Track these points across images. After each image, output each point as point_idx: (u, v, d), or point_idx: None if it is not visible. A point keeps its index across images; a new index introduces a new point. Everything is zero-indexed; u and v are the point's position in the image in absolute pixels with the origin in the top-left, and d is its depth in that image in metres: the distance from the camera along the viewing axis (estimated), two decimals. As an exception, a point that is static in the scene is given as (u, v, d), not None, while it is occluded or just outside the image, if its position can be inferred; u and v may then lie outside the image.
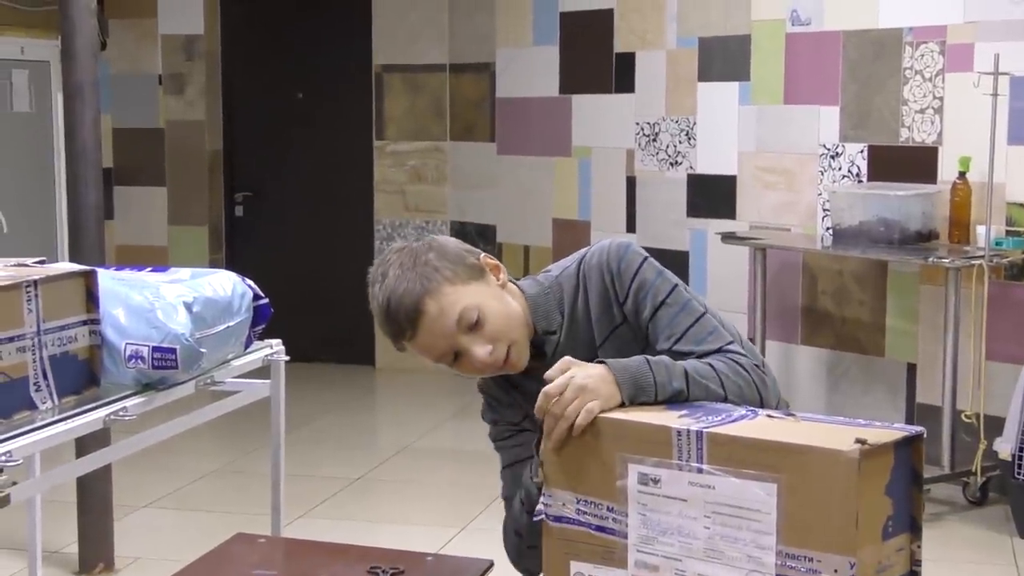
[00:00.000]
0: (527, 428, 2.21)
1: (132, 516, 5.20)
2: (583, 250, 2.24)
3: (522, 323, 2.13)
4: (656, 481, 1.78)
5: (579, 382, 1.91)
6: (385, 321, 2.09)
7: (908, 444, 1.71)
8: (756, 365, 2.08)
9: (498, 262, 2.18)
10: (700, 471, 1.73)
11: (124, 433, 3.31)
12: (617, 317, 2.16)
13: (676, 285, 2.16)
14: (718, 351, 2.08)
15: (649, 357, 2.00)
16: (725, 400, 1.98)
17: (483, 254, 2.16)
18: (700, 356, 2.07)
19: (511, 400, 2.25)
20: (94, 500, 4.56)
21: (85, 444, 3.81)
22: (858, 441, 1.63)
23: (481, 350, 2.07)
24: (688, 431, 1.75)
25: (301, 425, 6.48)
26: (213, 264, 7.72)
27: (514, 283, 2.21)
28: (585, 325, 2.17)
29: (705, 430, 1.74)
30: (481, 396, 2.31)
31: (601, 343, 2.17)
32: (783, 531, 1.67)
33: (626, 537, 1.82)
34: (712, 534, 1.73)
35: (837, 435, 1.69)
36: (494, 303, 2.10)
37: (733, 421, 1.79)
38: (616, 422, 1.85)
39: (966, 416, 5.18)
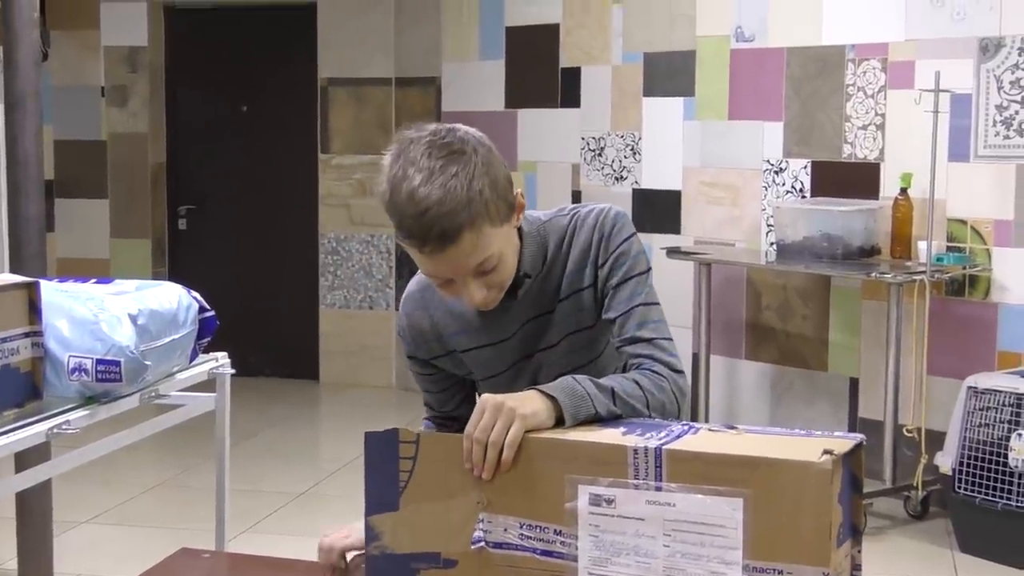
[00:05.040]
0: (440, 367, 2.28)
1: (73, 531, 5.13)
2: (572, 205, 2.24)
3: (515, 268, 2.12)
4: (610, 501, 1.75)
5: (496, 401, 1.83)
6: (414, 223, 1.92)
7: (851, 452, 1.73)
8: (678, 371, 2.08)
9: (523, 202, 2.14)
10: (659, 489, 1.72)
11: (66, 447, 3.28)
12: (587, 279, 2.17)
13: (650, 270, 2.17)
14: (649, 342, 2.09)
15: (573, 375, 1.96)
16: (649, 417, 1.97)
17: (519, 190, 2.10)
18: (634, 341, 2.09)
19: (432, 335, 2.25)
20: (34, 515, 4.50)
21: (26, 458, 3.76)
22: (826, 452, 1.64)
23: (479, 293, 2.04)
24: (645, 448, 1.72)
25: (245, 439, 6.43)
26: (156, 277, 7.65)
27: None
28: (558, 276, 2.18)
29: (663, 447, 1.72)
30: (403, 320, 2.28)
31: (563, 298, 2.18)
32: (750, 545, 1.66)
33: (576, 560, 1.79)
34: (672, 552, 1.71)
35: (798, 447, 1.69)
36: (510, 253, 2.08)
37: (678, 437, 1.77)
38: (563, 443, 1.80)
39: (907, 430, 5.23)
